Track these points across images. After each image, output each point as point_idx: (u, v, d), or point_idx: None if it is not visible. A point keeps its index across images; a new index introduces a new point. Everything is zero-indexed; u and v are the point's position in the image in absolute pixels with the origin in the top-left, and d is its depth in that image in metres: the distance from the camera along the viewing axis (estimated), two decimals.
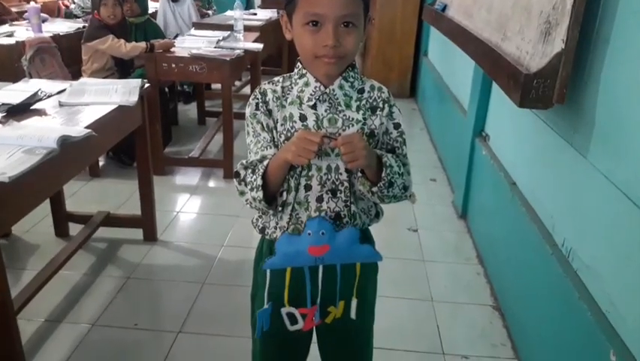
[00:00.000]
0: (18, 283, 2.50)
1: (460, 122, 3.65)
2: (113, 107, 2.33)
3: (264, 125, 1.23)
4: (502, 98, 2.24)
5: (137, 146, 2.80)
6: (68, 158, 1.95)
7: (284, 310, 1.27)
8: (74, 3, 6.35)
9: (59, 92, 2.46)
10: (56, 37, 4.10)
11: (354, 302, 1.30)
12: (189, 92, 5.77)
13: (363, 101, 1.24)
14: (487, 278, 2.80)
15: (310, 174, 1.22)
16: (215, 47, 3.93)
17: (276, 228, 1.30)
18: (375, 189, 1.18)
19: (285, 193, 1.25)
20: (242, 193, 1.24)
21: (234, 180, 1.25)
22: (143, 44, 3.80)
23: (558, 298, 1.83)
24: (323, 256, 1.19)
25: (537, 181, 2.26)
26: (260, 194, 1.18)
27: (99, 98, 2.40)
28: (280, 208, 1.26)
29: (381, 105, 1.24)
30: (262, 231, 1.34)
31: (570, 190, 1.88)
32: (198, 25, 5.26)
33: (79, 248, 2.72)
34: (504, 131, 2.83)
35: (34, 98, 2.29)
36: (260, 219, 1.34)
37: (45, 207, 2.97)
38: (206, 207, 3.59)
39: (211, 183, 3.94)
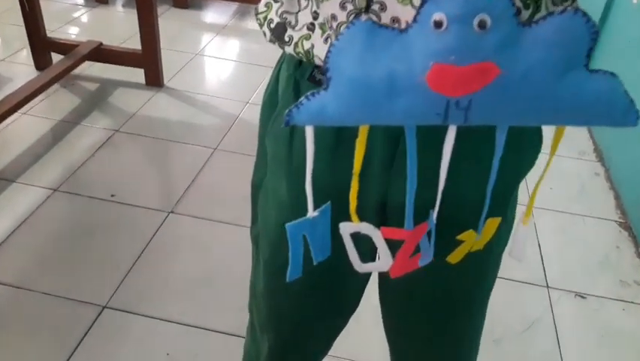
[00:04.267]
0: None
1: None
2: None
3: None
4: None
5: None
6: None
7: (347, 227, 0.53)
8: None
9: None
10: None
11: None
12: None
13: None
14: (611, 182, 1.98)
15: None
16: None
17: (312, 26, 0.53)
18: None
19: None
20: None
21: None
22: None
23: None
24: (472, 95, 0.39)
25: None
26: None
27: None
28: None
29: None
30: (278, 34, 0.56)
31: None
32: None
33: (53, 82, 2.01)
34: None
35: None
36: (273, 6, 0.57)
37: (24, 34, 2.25)
38: (232, 52, 2.80)
39: (243, 24, 3.10)
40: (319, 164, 0.51)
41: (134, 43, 2.29)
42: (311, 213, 0.52)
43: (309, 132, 0.48)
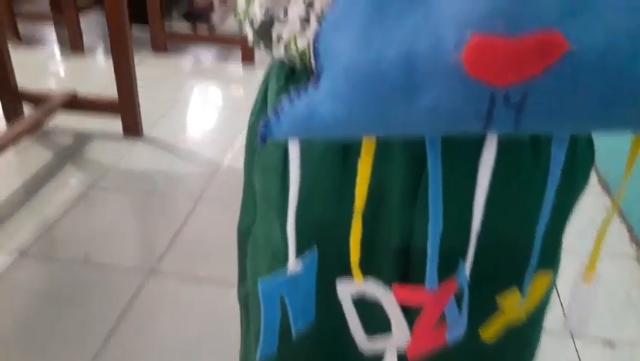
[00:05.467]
0: None
1: None
2: None
3: None
4: None
5: None
6: None
7: (347, 287, 0.41)
8: None
9: None
10: None
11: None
12: None
13: None
14: (622, 215, 1.86)
15: None
16: None
17: (306, 19, 0.39)
18: None
19: None
20: None
21: None
22: None
23: None
24: (528, 84, 0.25)
25: None
26: None
27: None
28: None
29: None
30: (264, 33, 0.43)
31: None
32: None
33: (23, 134, 1.87)
34: None
35: None
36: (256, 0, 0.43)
37: None
38: (214, 97, 2.70)
39: (225, 68, 3.01)
40: (317, 195, 0.38)
41: (111, 92, 2.18)
42: (292, 265, 0.39)
43: (294, 150, 0.35)
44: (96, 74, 2.80)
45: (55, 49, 3.10)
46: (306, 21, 0.39)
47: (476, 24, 0.26)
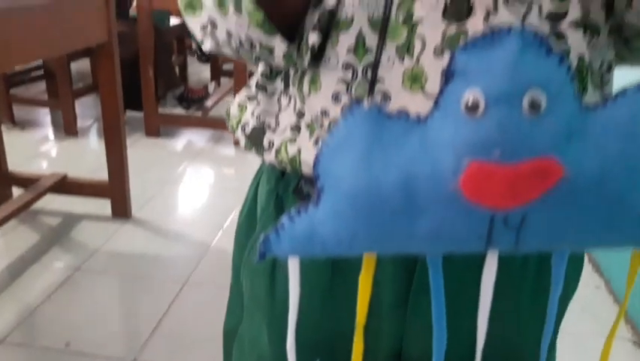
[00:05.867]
0: None
1: None
2: None
3: None
4: None
5: (100, 80, 1.93)
6: None
7: None
8: None
9: None
10: None
11: None
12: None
13: None
14: (614, 295, 1.84)
15: None
16: None
17: (297, 126, 0.42)
18: None
19: None
20: (190, 5, 0.39)
21: None
22: None
23: None
24: (526, 207, 0.26)
25: None
26: None
27: None
28: (315, 42, 0.37)
29: None
30: (255, 140, 0.45)
31: None
32: None
33: (11, 217, 1.86)
34: None
35: None
36: (248, 108, 0.46)
37: None
38: (205, 178, 2.72)
39: (217, 150, 3.05)
40: (309, 307, 0.37)
41: (103, 174, 2.19)
42: None
43: (293, 268, 0.34)
44: (88, 156, 2.82)
45: (49, 131, 3.15)
46: (296, 129, 0.40)
47: (473, 151, 0.27)
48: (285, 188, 0.44)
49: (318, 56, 0.37)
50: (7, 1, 1.30)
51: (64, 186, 2.13)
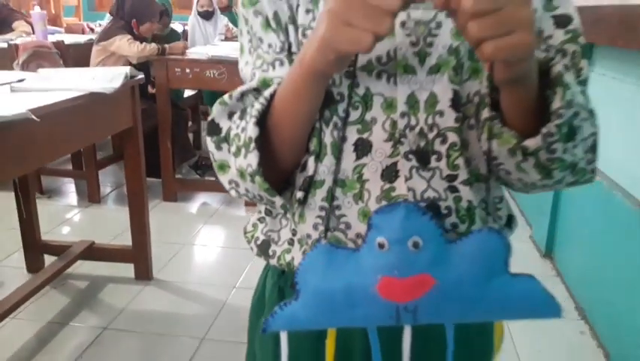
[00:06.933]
0: None
1: None
2: (80, 93, 1.70)
3: (270, 19, 0.57)
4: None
5: (125, 155, 2.17)
6: (6, 147, 1.34)
7: None
8: (100, 26, 5.98)
9: (20, 81, 1.86)
10: (60, 45, 3.58)
11: None
12: None
13: None
14: (597, 340, 1.99)
15: (369, 118, 0.54)
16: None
17: (292, 241, 0.62)
18: (544, 131, 0.47)
19: (311, 162, 0.57)
20: (221, 167, 0.59)
21: (207, 138, 0.59)
22: (154, 46, 3.23)
23: None
24: (417, 301, 0.48)
25: None
26: (255, 159, 0.52)
27: (66, 84, 1.78)
28: (300, 197, 0.58)
29: None
30: (264, 250, 0.66)
31: None
32: (226, 40, 4.73)
33: (44, 285, 2.06)
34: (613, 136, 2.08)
35: None
36: (259, 227, 0.67)
37: (19, 237, 2.37)
38: (219, 239, 2.93)
39: (229, 212, 3.27)
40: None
41: (125, 239, 2.41)
42: None
43: (283, 337, 0.55)
44: (110, 223, 3.03)
45: (74, 199, 3.39)
46: (291, 243, 0.62)
47: (383, 271, 0.49)
48: (285, 282, 0.66)
49: (303, 202, 0.58)
50: (52, 104, 1.56)
51: (92, 252, 2.35)
